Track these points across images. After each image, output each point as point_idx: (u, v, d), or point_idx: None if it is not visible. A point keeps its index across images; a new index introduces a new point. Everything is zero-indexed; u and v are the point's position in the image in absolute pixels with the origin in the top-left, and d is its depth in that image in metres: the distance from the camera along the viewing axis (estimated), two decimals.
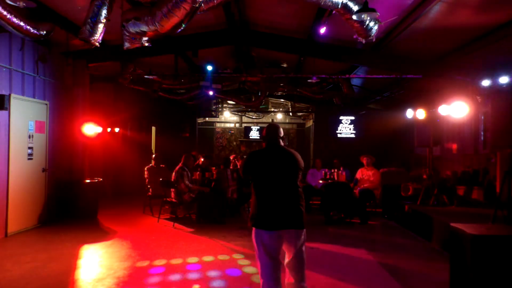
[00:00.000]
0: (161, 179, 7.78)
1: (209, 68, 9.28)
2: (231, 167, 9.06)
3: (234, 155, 9.70)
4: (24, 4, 4.47)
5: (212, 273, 4.56)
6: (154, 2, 4.46)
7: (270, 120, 18.87)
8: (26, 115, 6.68)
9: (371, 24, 5.04)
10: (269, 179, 3.43)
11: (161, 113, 13.97)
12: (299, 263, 3.42)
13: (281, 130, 3.59)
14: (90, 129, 7.92)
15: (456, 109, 7.23)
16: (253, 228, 3.34)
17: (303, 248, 3.44)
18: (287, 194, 3.43)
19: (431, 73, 7.73)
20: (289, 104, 16.82)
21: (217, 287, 4.18)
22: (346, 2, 4.74)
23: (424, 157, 10.18)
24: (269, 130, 3.55)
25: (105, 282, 4.23)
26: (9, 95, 6.17)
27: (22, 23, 5.19)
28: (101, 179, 8.23)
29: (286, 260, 3.46)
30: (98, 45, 5.19)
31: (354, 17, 4.77)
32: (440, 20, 5.77)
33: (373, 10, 4.57)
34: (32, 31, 5.43)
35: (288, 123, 19.03)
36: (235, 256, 5.28)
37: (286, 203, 3.39)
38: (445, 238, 5.65)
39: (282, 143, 3.60)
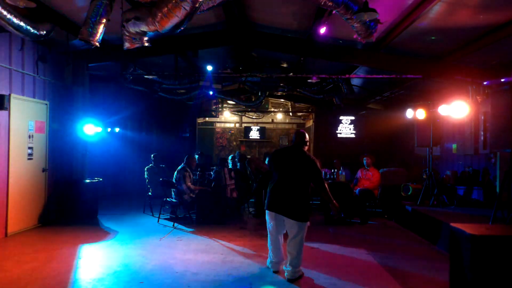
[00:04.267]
0: (161, 179, 7.78)
1: (209, 68, 9.27)
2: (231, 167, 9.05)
3: (233, 155, 9.70)
4: (24, 4, 4.47)
5: (212, 273, 4.56)
6: (154, 2, 4.46)
7: (270, 120, 18.87)
8: (26, 115, 6.67)
9: (371, 24, 5.04)
10: (279, 172, 4.40)
11: (161, 113, 13.97)
12: (291, 248, 4.33)
13: (307, 136, 4.61)
14: (90, 129, 7.91)
15: (456, 109, 7.23)
16: None
17: (297, 239, 4.29)
18: (288, 188, 4.31)
19: (431, 73, 7.73)
20: (289, 104, 16.81)
21: None
22: (346, 2, 4.74)
23: (424, 157, 10.19)
24: (296, 135, 4.56)
25: (105, 282, 4.23)
26: (9, 95, 6.16)
27: (22, 23, 5.19)
28: (101, 179, 8.23)
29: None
30: (98, 45, 5.19)
31: (354, 17, 4.77)
32: (440, 20, 5.76)
33: (373, 10, 4.58)
34: (32, 31, 5.43)
35: (288, 123, 19.02)
36: (235, 256, 5.28)
37: (285, 194, 4.31)
38: (445, 238, 5.65)
39: (306, 148, 4.55)
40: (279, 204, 4.31)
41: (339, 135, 13.59)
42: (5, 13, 4.89)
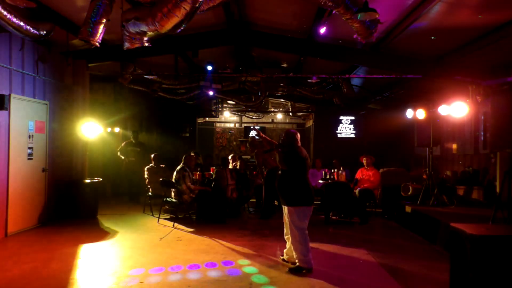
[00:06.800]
0: (161, 179, 7.78)
1: (209, 68, 9.26)
2: (230, 167, 9.05)
3: (233, 155, 9.68)
4: (24, 4, 4.47)
5: (212, 273, 4.56)
6: (154, 2, 4.46)
7: (270, 120, 18.87)
8: (26, 115, 6.67)
9: (371, 24, 5.04)
10: (304, 168, 4.76)
11: (161, 113, 13.97)
12: None
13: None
14: (90, 129, 7.91)
15: (456, 109, 7.23)
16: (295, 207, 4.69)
17: None
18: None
19: (431, 73, 7.73)
20: (289, 104, 16.79)
21: None
22: (346, 2, 4.74)
23: (424, 157, 10.19)
24: (298, 136, 4.91)
25: (105, 282, 4.23)
26: (9, 95, 6.17)
27: (22, 23, 5.18)
28: (101, 179, 8.23)
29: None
30: (98, 45, 5.19)
31: (354, 17, 4.77)
32: (440, 20, 5.76)
33: (373, 10, 4.58)
34: (32, 31, 5.43)
35: (288, 123, 19.02)
36: (235, 256, 5.28)
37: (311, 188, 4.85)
38: (445, 238, 5.65)
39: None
40: (312, 197, 4.81)
41: (339, 135, 13.59)
42: (5, 13, 4.89)
